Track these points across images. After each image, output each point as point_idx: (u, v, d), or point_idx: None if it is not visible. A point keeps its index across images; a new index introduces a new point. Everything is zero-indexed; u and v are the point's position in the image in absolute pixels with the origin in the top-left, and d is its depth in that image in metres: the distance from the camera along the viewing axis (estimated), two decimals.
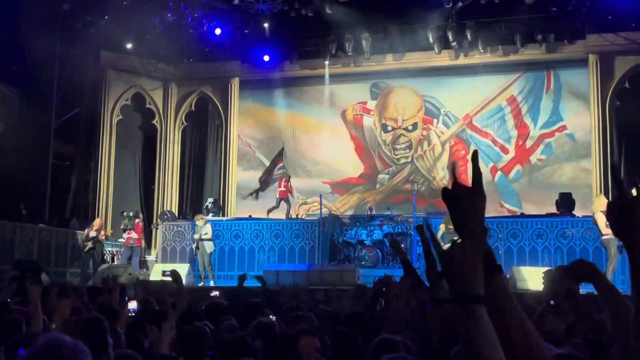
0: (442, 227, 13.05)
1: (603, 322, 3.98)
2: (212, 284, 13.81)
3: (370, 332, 4.07)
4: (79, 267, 14.88)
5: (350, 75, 18.53)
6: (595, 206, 12.15)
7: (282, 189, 16.41)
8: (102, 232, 14.97)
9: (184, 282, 7.66)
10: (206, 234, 14.37)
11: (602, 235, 11.86)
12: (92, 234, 14.60)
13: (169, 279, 6.21)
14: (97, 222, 15.09)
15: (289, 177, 16.63)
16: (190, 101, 19.23)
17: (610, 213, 1.56)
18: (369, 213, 15.67)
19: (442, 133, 18.16)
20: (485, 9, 15.90)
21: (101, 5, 15.98)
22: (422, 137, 18.26)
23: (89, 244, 14.54)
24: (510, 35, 16.48)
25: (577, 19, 15.92)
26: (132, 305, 4.16)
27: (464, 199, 1.57)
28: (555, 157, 17.20)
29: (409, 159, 18.27)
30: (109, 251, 16.02)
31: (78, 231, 15.54)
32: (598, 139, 16.15)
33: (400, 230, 14.47)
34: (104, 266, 14.16)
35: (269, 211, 16.50)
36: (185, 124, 19.28)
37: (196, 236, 14.51)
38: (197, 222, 14.68)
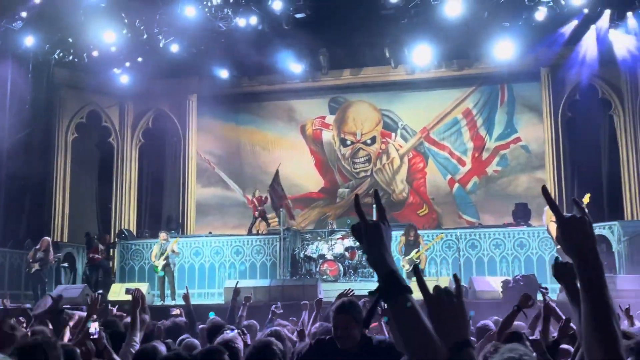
0: (402, 239, 13.16)
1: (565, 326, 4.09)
2: (173, 302, 13.61)
3: None
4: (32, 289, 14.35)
5: (309, 90, 18.61)
6: (547, 217, 12.43)
7: (258, 206, 16.52)
8: (51, 254, 14.10)
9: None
10: (173, 251, 14.13)
11: (557, 245, 12.12)
12: (39, 254, 13.87)
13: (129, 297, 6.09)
14: (44, 242, 14.22)
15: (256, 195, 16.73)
16: (148, 118, 19.04)
17: (558, 233, 1.68)
18: (329, 227, 15.70)
19: (401, 146, 18.35)
20: (440, 24, 16.13)
21: (54, 21, 15.73)
22: (380, 151, 18.42)
23: (36, 266, 13.80)
24: (465, 49, 16.78)
25: (528, 34, 16.28)
26: (94, 327, 4.02)
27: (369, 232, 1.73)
28: (511, 168, 17.54)
29: (369, 173, 18.40)
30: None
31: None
32: (551, 150, 16.54)
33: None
34: (60, 287, 13.82)
35: (250, 229, 16.52)
36: (142, 141, 19.05)
37: (162, 257, 14.06)
38: (161, 240, 14.33)
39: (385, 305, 1.64)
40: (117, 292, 13.62)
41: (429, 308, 1.60)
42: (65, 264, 15.90)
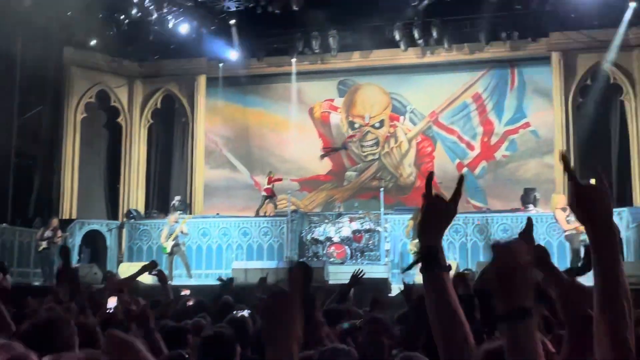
0: (410, 223, 13.16)
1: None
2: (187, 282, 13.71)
3: None
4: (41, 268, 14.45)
5: (318, 73, 18.53)
6: (554, 204, 12.40)
7: (269, 186, 16.57)
8: (59, 233, 14.14)
9: (151, 281, 7.60)
10: (182, 231, 14.21)
11: (565, 231, 12.11)
12: (48, 233, 14.01)
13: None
14: (54, 221, 14.37)
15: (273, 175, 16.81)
16: (156, 99, 19.02)
17: (570, 203, 1.61)
18: (337, 210, 15.71)
19: (409, 130, 18.28)
20: (451, 7, 16.01)
21: (64, 1, 15.69)
22: (389, 134, 18.36)
23: (43, 244, 13.92)
24: (475, 33, 16.65)
25: (541, 17, 16.15)
26: (112, 302, 4.12)
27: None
28: (520, 153, 17.45)
29: (376, 156, 18.35)
30: None
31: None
32: (561, 136, 16.44)
33: (369, 227, 14.53)
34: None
35: (258, 211, 16.57)
36: (150, 121, 19.06)
37: (171, 238, 14.13)
38: (171, 222, 14.37)
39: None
40: (126, 271, 13.71)
41: (491, 265, 1.46)
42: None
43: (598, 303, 1.51)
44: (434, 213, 1.69)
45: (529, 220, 1.77)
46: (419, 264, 1.69)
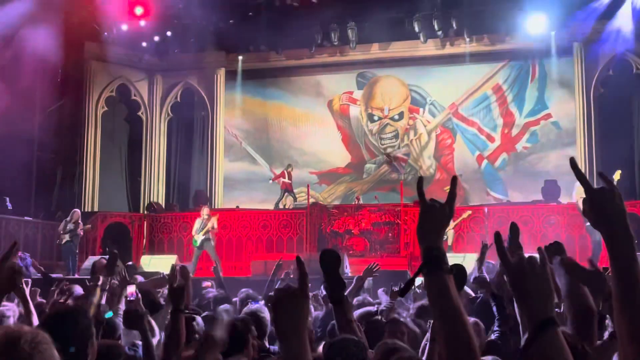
0: None
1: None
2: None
3: None
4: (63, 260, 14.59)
5: (336, 65, 18.50)
6: (577, 193, 12.27)
7: (287, 180, 16.63)
8: (81, 225, 14.15)
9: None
10: (214, 227, 14.17)
11: (586, 222, 12.00)
12: (70, 226, 14.01)
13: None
14: (76, 213, 14.31)
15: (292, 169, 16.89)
16: (176, 92, 19.13)
17: (584, 208, 1.63)
18: (356, 202, 15.71)
19: (428, 122, 18.20)
20: None
21: None
22: (408, 127, 18.30)
23: (66, 237, 13.92)
24: (496, 23, 16.51)
25: (562, 8, 15.96)
26: (131, 291, 4.17)
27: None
28: (541, 145, 17.31)
29: (396, 148, 18.31)
30: None
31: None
32: (583, 127, 16.27)
33: (387, 219, 14.53)
34: (91, 258, 14.06)
35: (277, 204, 16.63)
36: (171, 115, 19.18)
37: (202, 232, 14.09)
38: (204, 215, 14.26)
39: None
40: (147, 263, 13.86)
41: (510, 279, 1.54)
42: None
43: (617, 303, 1.52)
44: (431, 216, 1.69)
45: (513, 226, 1.79)
46: (416, 279, 1.73)
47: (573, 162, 1.74)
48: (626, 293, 1.51)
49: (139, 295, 4.10)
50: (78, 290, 5.83)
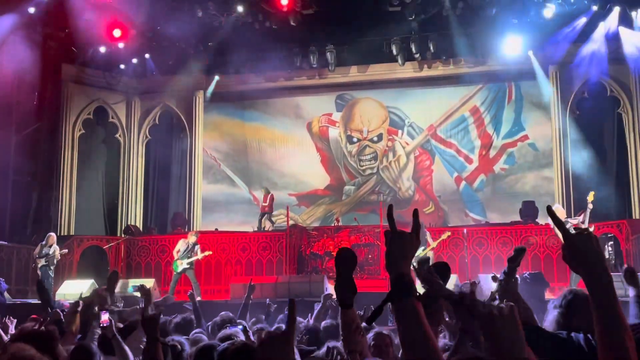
0: None
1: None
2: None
3: None
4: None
5: (315, 87, 18.58)
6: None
7: (265, 204, 16.56)
8: (58, 250, 13.90)
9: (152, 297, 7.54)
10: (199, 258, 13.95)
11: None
12: (45, 250, 13.73)
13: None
14: (51, 237, 14.05)
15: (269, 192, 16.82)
16: (154, 115, 19.04)
17: (563, 255, 1.68)
18: (336, 224, 15.68)
19: (407, 144, 18.30)
20: (448, 21, 16.12)
21: (61, 18, 15.75)
22: (387, 148, 18.37)
23: (42, 261, 13.69)
24: (473, 46, 16.71)
25: (537, 31, 16.21)
26: (105, 317, 4.17)
27: None
28: (518, 166, 17.47)
29: (375, 170, 18.36)
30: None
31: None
32: (559, 148, 16.46)
33: (367, 241, 14.51)
34: (66, 283, 13.85)
35: (259, 226, 16.51)
36: (149, 137, 19.07)
37: (187, 260, 13.84)
38: (191, 241, 14.02)
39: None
40: (125, 287, 13.66)
41: (481, 326, 1.57)
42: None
43: (601, 344, 1.56)
44: (401, 244, 1.72)
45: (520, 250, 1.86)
46: (382, 309, 1.74)
47: (550, 211, 1.82)
48: (611, 335, 1.56)
49: (112, 321, 4.06)
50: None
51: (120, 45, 16.80)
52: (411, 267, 1.68)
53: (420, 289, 1.72)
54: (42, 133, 17.34)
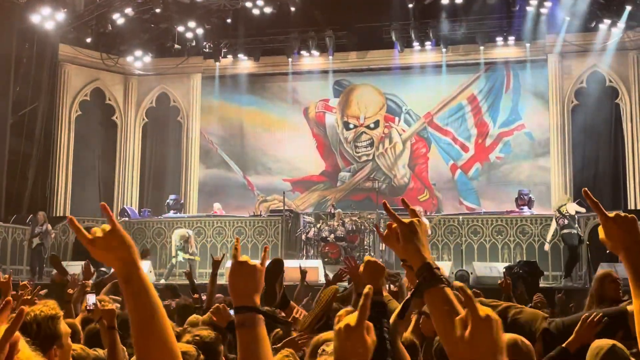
0: None
1: None
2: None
3: None
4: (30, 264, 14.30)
5: (313, 73, 18.53)
6: (558, 202, 12.63)
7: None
8: (49, 227, 14.05)
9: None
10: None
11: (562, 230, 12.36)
12: (38, 229, 13.84)
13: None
14: (40, 215, 14.19)
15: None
16: (152, 97, 18.99)
17: (602, 236, 1.71)
18: (331, 210, 15.71)
19: (404, 131, 18.30)
20: (447, 9, 16.08)
21: None
22: (383, 135, 18.37)
23: (37, 240, 13.80)
24: (472, 34, 16.69)
25: (537, 20, 16.20)
26: (91, 299, 4.13)
27: None
28: (514, 155, 17.49)
29: (370, 157, 18.36)
30: None
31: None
32: (556, 138, 16.48)
33: (362, 227, 14.55)
34: (63, 263, 13.83)
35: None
36: (146, 119, 19.02)
37: (186, 256, 14.00)
38: (181, 238, 14.19)
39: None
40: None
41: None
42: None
43: None
44: (417, 233, 1.68)
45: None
46: (410, 302, 1.73)
47: (587, 194, 1.80)
48: None
49: (99, 305, 3.98)
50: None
51: (119, 26, 16.70)
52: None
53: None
54: (38, 114, 17.27)
